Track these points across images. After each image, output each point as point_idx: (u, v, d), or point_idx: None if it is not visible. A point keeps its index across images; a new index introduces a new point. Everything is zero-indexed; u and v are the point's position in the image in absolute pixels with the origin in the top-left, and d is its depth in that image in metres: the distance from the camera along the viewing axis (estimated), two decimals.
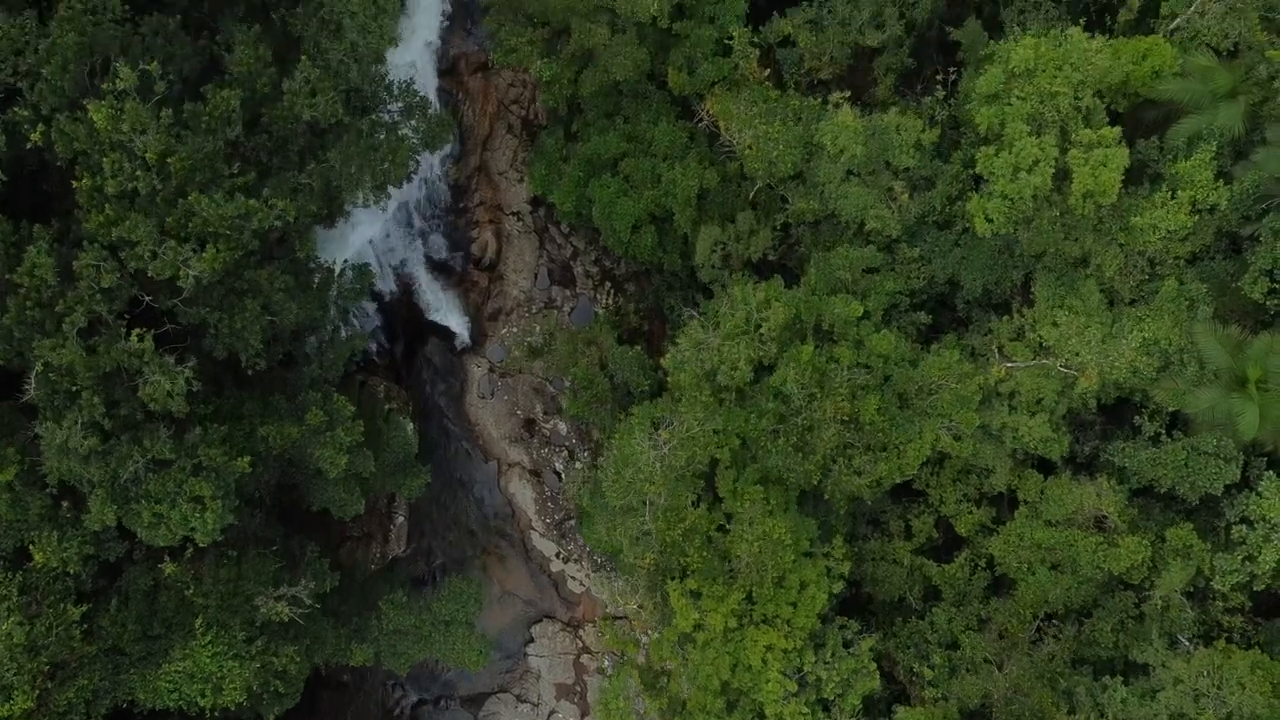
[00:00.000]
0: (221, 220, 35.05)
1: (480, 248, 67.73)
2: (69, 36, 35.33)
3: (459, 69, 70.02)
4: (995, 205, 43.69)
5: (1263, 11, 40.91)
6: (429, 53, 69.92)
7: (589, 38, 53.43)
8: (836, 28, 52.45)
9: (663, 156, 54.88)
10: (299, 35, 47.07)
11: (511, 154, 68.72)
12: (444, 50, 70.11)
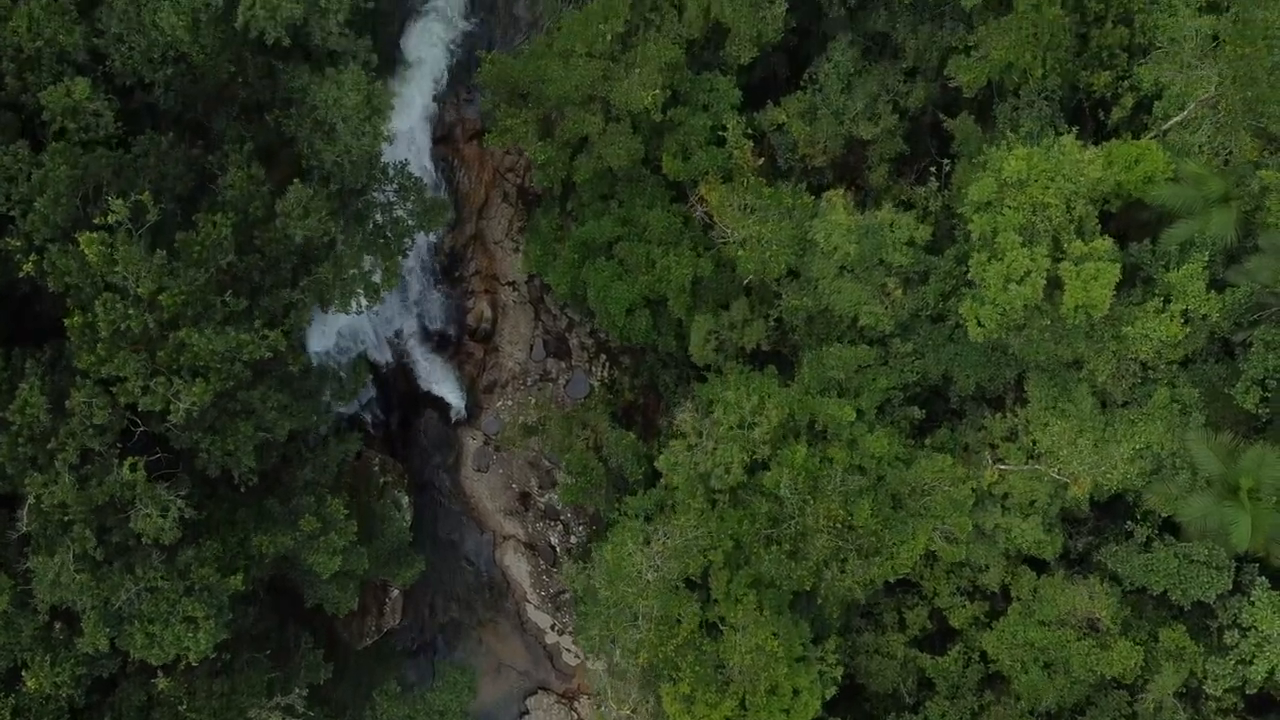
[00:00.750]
0: (213, 355, 35.13)
1: (476, 318, 67.78)
2: (61, 170, 35.41)
3: (454, 135, 70.16)
4: (987, 312, 43.74)
5: (1253, 126, 40.88)
6: (424, 119, 70.13)
7: (583, 126, 53.53)
8: (829, 118, 52.55)
9: (657, 242, 54.93)
10: (292, 136, 47.25)
11: (507, 223, 68.79)
12: (439, 116, 70.30)
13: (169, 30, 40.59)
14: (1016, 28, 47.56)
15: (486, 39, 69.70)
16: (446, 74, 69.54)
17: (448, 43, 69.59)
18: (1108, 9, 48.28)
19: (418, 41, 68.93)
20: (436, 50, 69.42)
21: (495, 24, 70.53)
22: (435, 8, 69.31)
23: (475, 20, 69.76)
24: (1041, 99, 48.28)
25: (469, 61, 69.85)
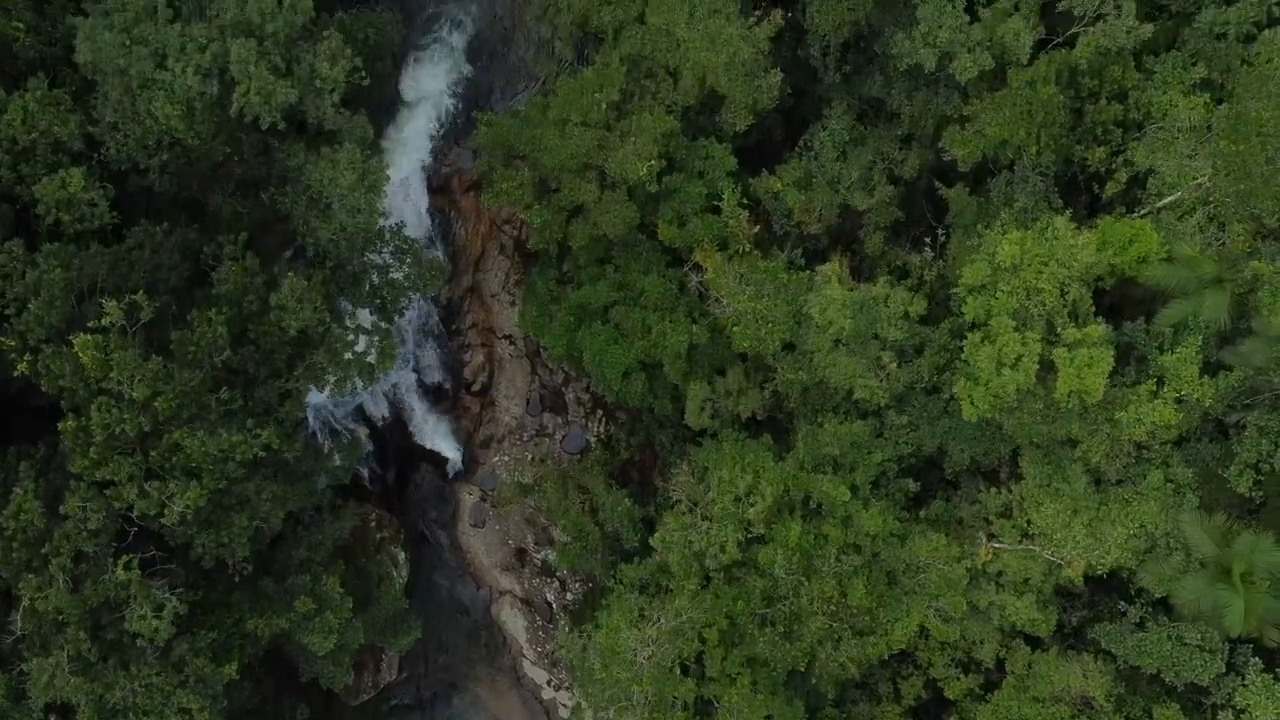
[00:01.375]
0: (206, 457, 35.20)
1: (472, 372, 67.83)
2: (56, 273, 35.49)
3: (451, 187, 70.18)
4: (980, 393, 43.80)
5: (1246, 214, 40.92)
6: (421, 170, 70.24)
7: (579, 194, 53.59)
8: (825, 187, 52.61)
9: (653, 308, 54.99)
10: (288, 213, 47.36)
11: (504, 276, 68.85)
12: (436, 167, 70.38)
13: (164, 120, 40.65)
14: (1011, 104, 47.59)
15: (486, 85, 69.82)
16: (444, 124, 69.65)
17: (446, 91, 69.65)
18: (1101, 85, 48.32)
19: (416, 89, 69.06)
20: (435, 99, 69.52)
21: (494, 70, 70.55)
22: (435, 56, 69.42)
23: (475, 67, 69.83)
24: (1036, 174, 48.30)
25: (467, 111, 69.96)
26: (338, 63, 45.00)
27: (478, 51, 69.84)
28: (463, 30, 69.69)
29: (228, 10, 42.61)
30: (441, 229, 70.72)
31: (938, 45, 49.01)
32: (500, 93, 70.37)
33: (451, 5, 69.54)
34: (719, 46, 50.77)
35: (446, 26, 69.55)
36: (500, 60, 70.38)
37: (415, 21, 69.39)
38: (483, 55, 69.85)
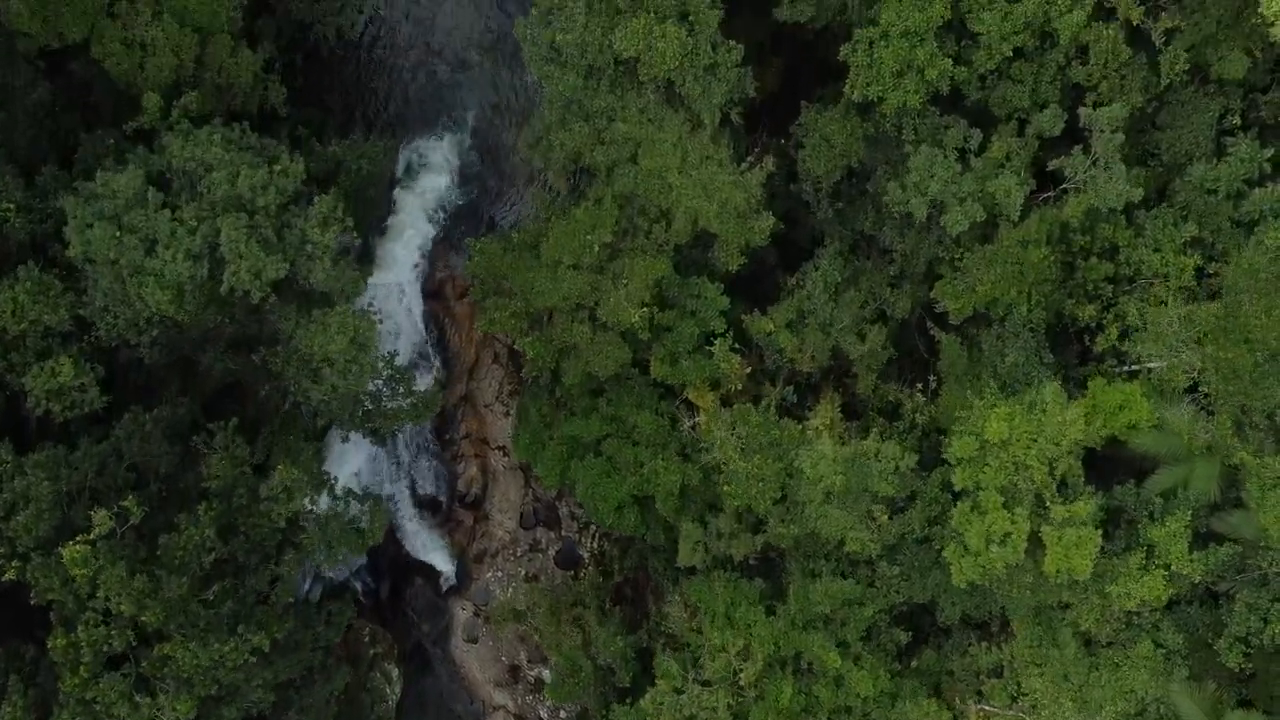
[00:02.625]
0: (197, 668, 35.29)
1: (466, 483, 67.87)
2: (44, 485, 35.58)
3: (445, 292, 70.32)
4: (970, 563, 43.93)
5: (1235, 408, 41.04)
6: (416, 274, 70.41)
7: (571, 335, 53.64)
8: (817, 330, 52.66)
9: (645, 444, 55.01)
10: (279, 373, 47.41)
11: (498, 385, 68.91)
12: (430, 271, 70.47)
13: (154, 304, 40.70)
14: (1002, 261, 47.66)
15: (482, 186, 70.02)
16: (439, 227, 69.80)
17: (442, 193, 69.84)
18: (1093, 241, 48.42)
19: (411, 192, 69.20)
20: (430, 202, 69.69)
21: (491, 171, 70.69)
22: (430, 159, 69.57)
23: (471, 170, 70.02)
24: (1027, 329, 48.36)
25: (463, 214, 70.25)
26: (329, 228, 45.04)
27: (474, 153, 70.03)
28: (459, 133, 69.88)
29: (219, 186, 42.72)
30: (435, 335, 70.84)
31: (928, 194, 49.13)
32: (495, 201, 70.63)
33: (448, 109, 69.73)
34: (711, 194, 50.80)
35: (442, 129, 69.75)
36: (497, 162, 70.56)
37: (411, 123, 69.67)
38: (479, 157, 70.03)
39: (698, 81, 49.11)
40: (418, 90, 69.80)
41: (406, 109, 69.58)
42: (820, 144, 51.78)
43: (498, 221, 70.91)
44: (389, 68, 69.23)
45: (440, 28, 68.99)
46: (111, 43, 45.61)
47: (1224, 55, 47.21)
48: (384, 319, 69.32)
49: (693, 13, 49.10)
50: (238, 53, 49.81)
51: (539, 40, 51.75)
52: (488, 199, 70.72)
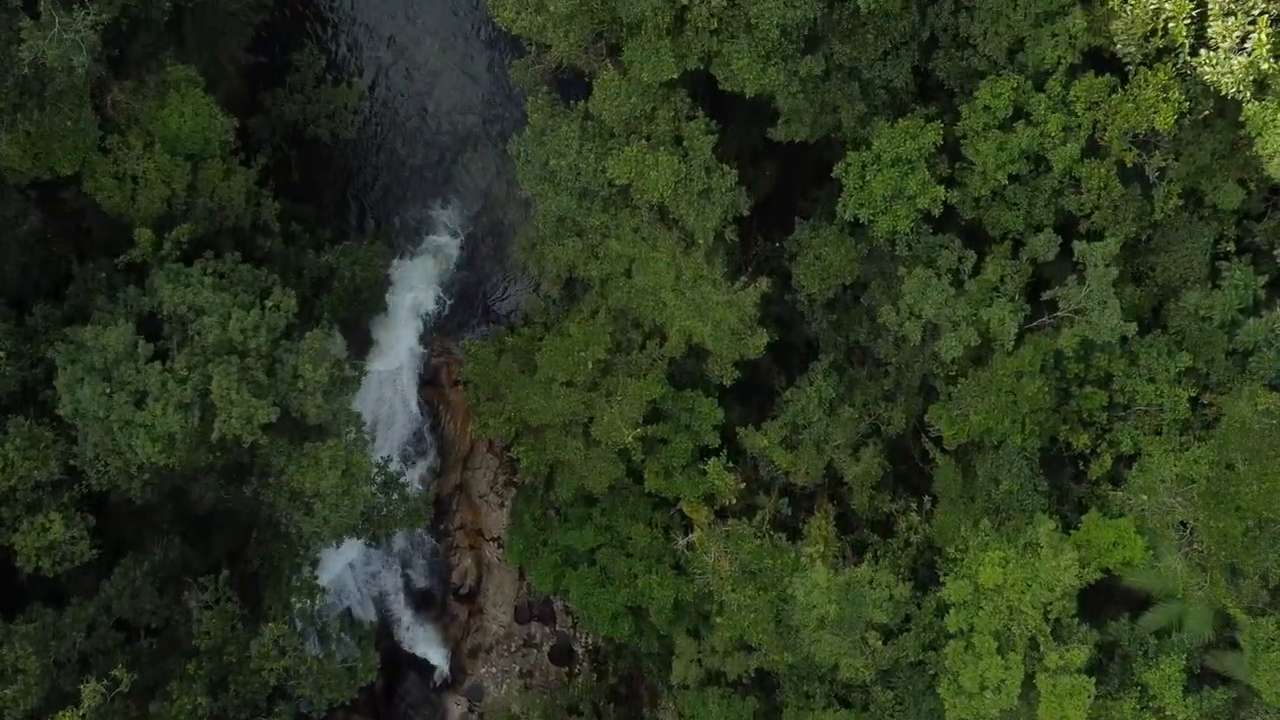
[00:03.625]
0: None
1: (460, 575, 67.78)
2: (31, 661, 35.48)
3: (440, 379, 70.19)
4: (964, 704, 43.84)
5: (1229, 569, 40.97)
6: (411, 361, 70.23)
7: (564, 451, 53.58)
8: (811, 448, 52.54)
9: (639, 556, 54.99)
10: (270, 504, 47.32)
11: (492, 475, 68.85)
12: (426, 357, 70.31)
13: (144, 456, 40.59)
14: (995, 391, 47.56)
15: (478, 273, 69.97)
16: (434, 313, 69.69)
17: (437, 280, 69.77)
18: (1087, 369, 48.32)
19: (406, 280, 69.03)
20: (425, 289, 69.57)
21: (486, 258, 70.64)
22: (427, 247, 69.49)
23: (467, 256, 69.98)
24: (1021, 458, 48.25)
25: (459, 300, 70.16)
26: (320, 365, 44.87)
27: (470, 237, 69.94)
28: (455, 217, 69.83)
29: (210, 331, 42.61)
30: (430, 422, 70.73)
31: (922, 317, 49.06)
32: (493, 281, 70.58)
33: (443, 193, 69.64)
34: (705, 315, 50.72)
35: (438, 214, 69.66)
36: (493, 246, 70.49)
37: (407, 208, 69.57)
38: (475, 242, 69.98)
39: (691, 207, 48.99)
40: (413, 175, 69.70)
41: (403, 194, 69.53)
42: (814, 263, 51.70)
43: (494, 307, 70.95)
44: (385, 153, 69.09)
45: (435, 111, 68.84)
46: (103, 178, 45.48)
47: (1219, 185, 47.06)
48: (378, 405, 70.10)
49: (687, 138, 48.99)
50: (230, 176, 49.71)
51: (532, 158, 51.66)
52: (484, 284, 70.68)
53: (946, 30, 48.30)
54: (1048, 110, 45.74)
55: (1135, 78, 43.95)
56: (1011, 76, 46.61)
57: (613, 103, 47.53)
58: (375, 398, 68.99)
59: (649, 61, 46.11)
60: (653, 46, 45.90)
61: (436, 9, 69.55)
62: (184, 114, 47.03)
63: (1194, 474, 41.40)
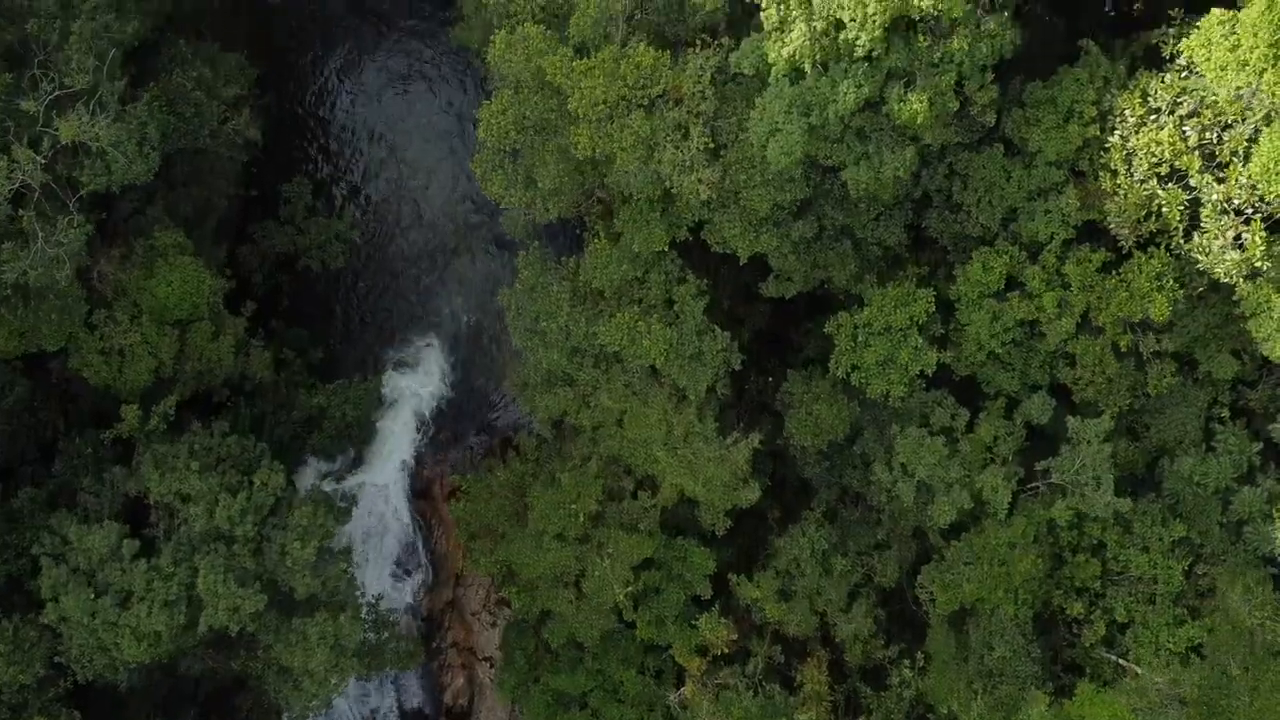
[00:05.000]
0: None
1: (453, 695, 67.36)
2: None
3: (433, 493, 69.82)
4: None
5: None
6: (403, 474, 69.92)
7: (556, 604, 53.29)
8: (803, 602, 52.25)
9: (630, 703, 54.70)
10: (259, 675, 47.00)
11: (484, 593, 68.38)
12: (418, 470, 69.97)
13: (129, 656, 40.29)
14: (989, 560, 47.31)
15: (470, 387, 69.69)
16: (427, 425, 69.40)
17: (429, 394, 69.53)
18: (1081, 538, 48.04)
19: (399, 393, 68.77)
20: (417, 402, 69.33)
21: (478, 373, 70.37)
22: (419, 361, 69.26)
23: (458, 371, 69.73)
24: (1014, 625, 47.96)
25: (451, 412, 69.83)
26: (309, 543, 44.55)
27: (462, 351, 69.69)
28: (446, 331, 69.57)
29: (197, 520, 42.30)
30: (423, 536, 70.39)
31: (915, 477, 48.79)
32: (485, 395, 70.26)
33: (436, 307, 69.41)
34: (696, 472, 50.37)
35: (430, 328, 69.40)
36: (485, 359, 70.22)
37: (399, 323, 69.27)
38: (467, 355, 69.71)
39: (683, 371, 48.66)
40: (405, 290, 69.46)
41: (396, 307, 69.26)
42: (806, 418, 51.39)
43: (488, 417, 70.65)
44: (377, 269, 68.89)
45: (427, 218, 68.79)
46: (89, 354, 45.15)
47: (1213, 355, 46.79)
48: (370, 517, 69.77)
49: (678, 301, 48.66)
50: (219, 336, 49.31)
51: (523, 312, 51.33)
52: (477, 394, 70.37)
53: (940, 191, 47.99)
54: (1042, 285, 45.45)
55: (1130, 263, 43.64)
56: (1005, 249, 46.35)
57: (604, 271, 47.22)
58: (367, 510, 68.59)
59: (640, 234, 45.82)
60: (644, 218, 45.59)
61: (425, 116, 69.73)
62: (172, 282, 46.70)
63: (1187, 682, 41.04)
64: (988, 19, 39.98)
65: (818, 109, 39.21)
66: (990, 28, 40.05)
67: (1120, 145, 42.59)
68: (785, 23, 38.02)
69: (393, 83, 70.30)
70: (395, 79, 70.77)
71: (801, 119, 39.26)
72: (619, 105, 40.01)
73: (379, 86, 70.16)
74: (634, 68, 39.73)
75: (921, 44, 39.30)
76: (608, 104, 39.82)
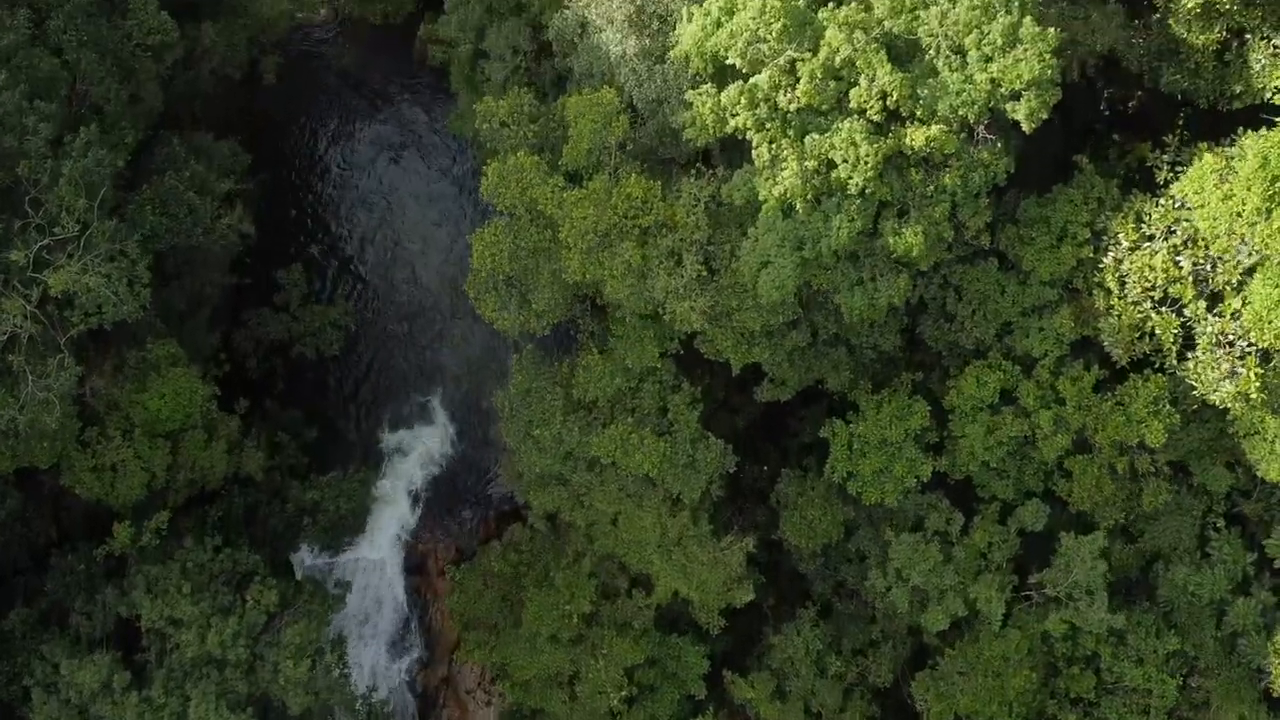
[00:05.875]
0: None
1: None
2: None
3: (427, 568, 69.64)
4: None
5: None
6: (398, 548, 69.73)
7: (549, 703, 53.22)
8: (797, 704, 52.20)
9: None
10: None
11: (480, 671, 68.18)
12: (412, 544, 69.86)
13: None
14: (983, 673, 47.24)
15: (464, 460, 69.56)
16: (422, 499, 69.29)
17: (423, 467, 69.44)
18: (1075, 648, 47.95)
19: (394, 470, 68.73)
20: (413, 478, 69.26)
21: (474, 444, 70.22)
22: (414, 436, 69.22)
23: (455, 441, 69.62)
24: None
25: (445, 486, 69.71)
26: (302, 661, 44.44)
27: (456, 424, 69.61)
28: (441, 403, 69.50)
29: (189, 647, 42.19)
30: (418, 611, 70.27)
31: (909, 583, 48.72)
32: (480, 468, 70.14)
33: (429, 382, 69.34)
34: (690, 575, 50.28)
35: (425, 402, 69.34)
36: (479, 431, 70.09)
37: (394, 397, 69.18)
38: (462, 428, 69.61)
39: (677, 479, 48.52)
40: (402, 361, 69.40)
41: (391, 382, 69.20)
42: (800, 522, 51.29)
43: (482, 490, 70.53)
44: (373, 345, 68.86)
45: (423, 290, 68.87)
46: (81, 472, 45.02)
47: (1208, 469, 46.71)
48: (364, 593, 69.65)
49: (672, 410, 48.51)
50: (211, 444, 49.18)
51: (517, 415, 51.19)
52: (471, 468, 70.22)
53: (935, 299, 47.87)
54: (1037, 403, 45.32)
55: (1126, 385, 43.52)
56: (999, 363, 46.23)
57: (597, 385, 47.10)
58: (362, 585, 68.62)
59: (633, 350, 45.72)
60: (637, 334, 45.49)
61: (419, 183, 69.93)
62: (165, 395, 46.58)
63: None
64: (981, 149, 39.89)
65: (810, 243, 39.08)
66: (984, 156, 39.96)
67: (1114, 267, 42.51)
68: (777, 161, 37.87)
69: (386, 151, 70.49)
70: (389, 147, 70.97)
71: (794, 253, 39.14)
72: (610, 234, 39.89)
73: (373, 155, 70.42)
74: (625, 198, 39.61)
75: (915, 177, 39.22)
76: (598, 234, 39.71)
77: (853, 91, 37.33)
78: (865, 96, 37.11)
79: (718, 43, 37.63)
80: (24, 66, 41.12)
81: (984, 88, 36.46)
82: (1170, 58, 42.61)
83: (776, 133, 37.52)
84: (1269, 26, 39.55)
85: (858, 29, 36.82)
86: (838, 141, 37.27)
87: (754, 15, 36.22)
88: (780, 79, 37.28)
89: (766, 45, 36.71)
